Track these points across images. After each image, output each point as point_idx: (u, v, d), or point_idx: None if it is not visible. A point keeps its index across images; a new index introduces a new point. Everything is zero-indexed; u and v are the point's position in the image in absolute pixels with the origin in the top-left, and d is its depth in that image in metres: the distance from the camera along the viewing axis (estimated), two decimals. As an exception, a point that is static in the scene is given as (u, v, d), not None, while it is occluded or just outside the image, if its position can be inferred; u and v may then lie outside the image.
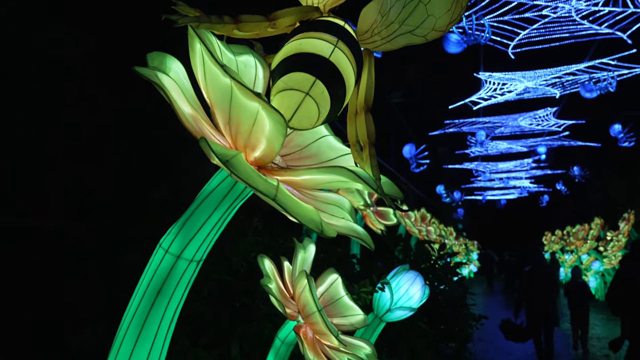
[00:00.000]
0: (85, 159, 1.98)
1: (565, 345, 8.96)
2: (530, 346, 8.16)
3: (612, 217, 13.46)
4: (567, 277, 14.57)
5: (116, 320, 1.02)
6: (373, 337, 2.17)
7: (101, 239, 1.93)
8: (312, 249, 1.73)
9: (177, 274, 0.96)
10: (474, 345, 5.83)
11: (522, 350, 8.29)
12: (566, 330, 10.03)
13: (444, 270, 3.32)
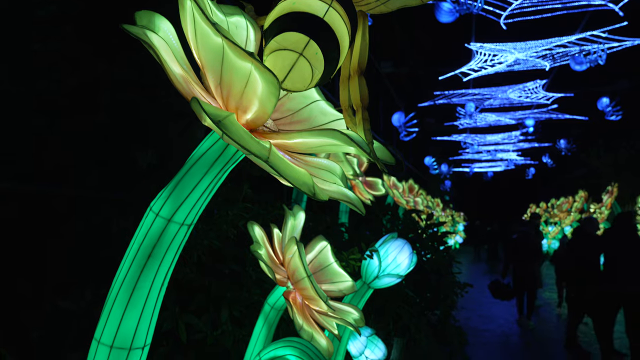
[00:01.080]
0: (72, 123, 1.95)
1: (551, 306, 9.29)
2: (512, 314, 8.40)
3: (597, 190, 13.67)
4: (549, 248, 14.87)
5: (106, 285, 1.02)
6: (361, 303, 2.20)
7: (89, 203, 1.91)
8: (301, 217, 1.73)
9: (167, 238, 0.95)
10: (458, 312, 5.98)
11: (504, 318, 8.53)
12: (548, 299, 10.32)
13: (431, 240, 3.37)
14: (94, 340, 0.98)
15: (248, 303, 1.95)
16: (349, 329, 2.25)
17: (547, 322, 8.28)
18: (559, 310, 9.27)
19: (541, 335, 7.56)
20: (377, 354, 2.56)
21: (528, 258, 7.66)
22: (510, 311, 8.93)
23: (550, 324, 8.13)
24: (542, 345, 7.06)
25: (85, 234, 1.88)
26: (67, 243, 1.90)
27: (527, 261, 7.67)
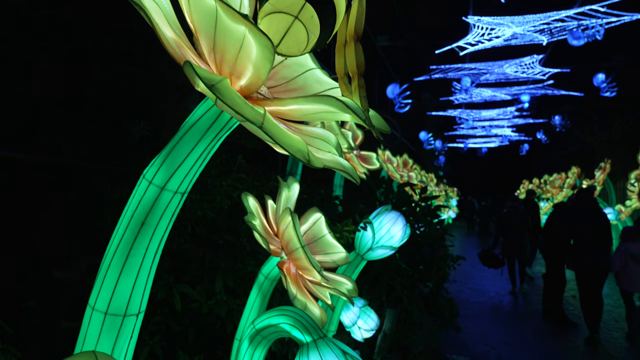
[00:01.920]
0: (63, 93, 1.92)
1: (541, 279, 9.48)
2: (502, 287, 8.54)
3: (590, 167, 13.75)
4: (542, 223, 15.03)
5: (100, 255, 1.02)
6: (354, 275, 2.23)
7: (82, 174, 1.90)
8: (295, 188, 1.73)
9: (161, 206, 0.95)
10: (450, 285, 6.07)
11: (494, 292, 8.66)
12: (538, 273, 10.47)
13: (425, 213, 3.39)
14: (89, 306, 0.98)
15: (242, 273, 1.96)
16: (342, 299, 2.28)
17: (537, 294, 8.41)
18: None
19: (529, 307, 7.70)
20: (370, 325, 2.60)
21: (516, 231, 8.13)
22: (500, 284, 9.08)
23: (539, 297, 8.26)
24: (530, 316, 7.20)
25: (79, 204, 1.87)
26: (60, 214, 1.89)
27: (515, 234, 8.13)
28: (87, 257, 1.85)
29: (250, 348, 1.51)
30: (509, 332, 6.46)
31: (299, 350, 1.37)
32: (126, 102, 2.15)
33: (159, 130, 1.94)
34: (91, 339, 0.99)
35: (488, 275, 8.75)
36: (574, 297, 7.78)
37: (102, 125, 1.95)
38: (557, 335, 6.28)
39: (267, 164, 3.16)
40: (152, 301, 1.77)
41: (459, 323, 4.43)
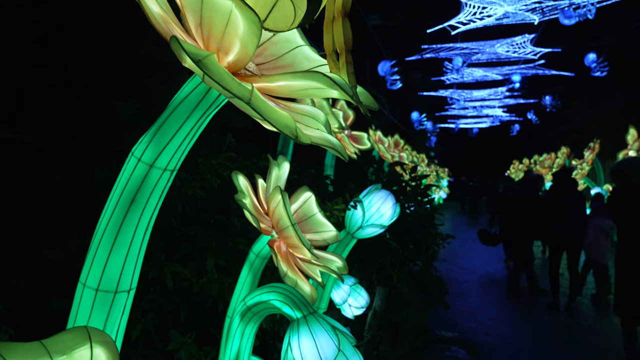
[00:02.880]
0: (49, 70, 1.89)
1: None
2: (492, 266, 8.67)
3: (579, 147, 13.85)
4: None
5: (91, 234, 1.02)
6: (345, 253, 2.25)
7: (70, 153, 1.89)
8: (286, 167, 1.74)
9: (150, 183, 0.95)
10: (439, 264, 6.15)
11: (484, 270, 8.79)
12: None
13: (415, 192, 3.41)
14: (80, 283, 0.99)
15: (233, 252, 1.98)
16: (332, 277, 2.31)
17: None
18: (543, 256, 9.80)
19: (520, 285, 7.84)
20: (360, 302, 2.63)
21: (510, 209, 8.30)
22: (489, 264, 9.21)
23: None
24: (518, 293, 7.33)
25: (67, 184, 1.87)
26: (49, 192, 1.88)
27: (509, 212, 8.31)
28: (78, 236, 1.86)
29: (241, 324, 1.53)
30: (496, 309, 6.58)
31: (289, 326, 1.39)
32: (113, 81, 2.13)
33: (147, 109, 1.93)
34: (83, 316, 1.00)
35: (477, 255, 8.87)
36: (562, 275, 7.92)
37: (90, 103, 1.93)
38: (542, 310, 6.40)
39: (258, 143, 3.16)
40: (144, 280, 1.78)
41: (448, 301, 4.51)
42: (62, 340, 0.79)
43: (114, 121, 1.86)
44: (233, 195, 1.53)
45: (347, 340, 1.35)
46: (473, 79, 15.38)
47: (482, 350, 4.60)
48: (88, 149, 1.90)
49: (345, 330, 1.38)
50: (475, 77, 15.11)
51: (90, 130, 1.92)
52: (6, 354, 0.70)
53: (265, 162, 2.20)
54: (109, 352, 0.82)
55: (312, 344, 1.30)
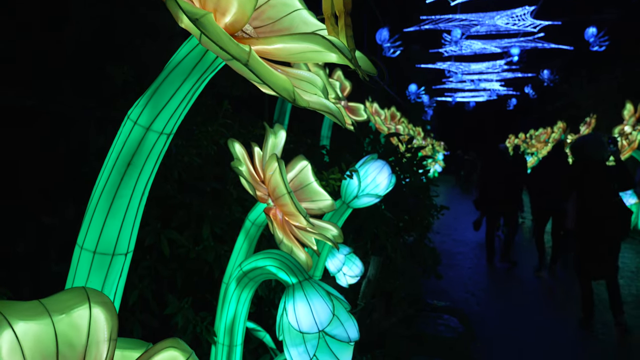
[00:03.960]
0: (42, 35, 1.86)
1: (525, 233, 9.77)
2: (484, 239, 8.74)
3: (576, 122, 13.85)
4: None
5: (86, 200, 1.02)
6: (340, 222, 2.27)
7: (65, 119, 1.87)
8: (282, 135, 1.73)
9: (147, 146, 0.95)
10: (433, 236, 6.22)
11: (476, 242, 8.90)
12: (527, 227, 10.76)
13: (411, 164, 3.42)
14: (77, 246, 1.00)
15: (229, 220, 1.99)
16: (327, 246, 2.33)
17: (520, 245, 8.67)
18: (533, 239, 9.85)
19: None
20: (354, 271, 2.67)
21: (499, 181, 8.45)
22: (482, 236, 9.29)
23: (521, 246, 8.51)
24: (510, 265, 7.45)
25: (63, 150, 1.86)
26: (45, 159, 1.87)
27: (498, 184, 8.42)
28: (74, 203, 1.86)
29: (237, 290, 1.55)
30: (488, 280, 6.69)
31: (285, 291, 1.41)
32: (108, 46, 2.09)
33: (142, 75, 1.90)
34: (81, 278, 1.01)
35: (471, 228, 8.96)
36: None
37: (84, 69, 1.91)
38: (531, 281, 6.52)
39: (254, 113, 3.14)
40: (141, 247, 1.79)
41: (441, 271, 4.58)
42: (61, 300, 0.80)
43: (108, 87, 1.84)
44: (229, 164, 1.53)
45: (342, 306, 1.37)
46: (471, 51, 15.23)
47: (473, 319, 4.70)
48: (82, 115, 1.88)
49: (339, 295, 1.40)
50: (474, 49, 14.97)
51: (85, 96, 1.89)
52: (5, 311, 0.71)
53: (262, 130, 2.19)
54: (108, 313, 0.84)
55: (307, 309, 1.32)
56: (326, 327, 1.31)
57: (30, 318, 0.73)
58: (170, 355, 0.88)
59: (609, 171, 4.73)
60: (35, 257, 1.83)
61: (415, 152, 3.60)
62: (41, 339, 0.74)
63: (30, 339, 0.73)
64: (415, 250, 3.87)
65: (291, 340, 1.38)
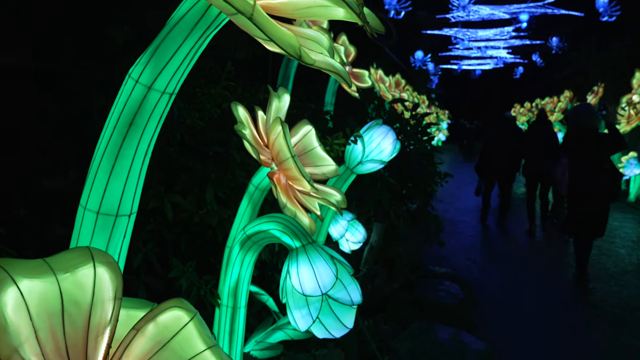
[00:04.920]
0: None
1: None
2: (488, 208, 8.76)
3: (583, 91, 13.66)
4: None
5: (87, 163, 1.01)
6: (343, 188, 2.26)
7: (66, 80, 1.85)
8: (286, 99, 1.70)
9: (149, 106, 0.93)
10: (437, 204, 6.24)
11: (479, 211, 8.91)
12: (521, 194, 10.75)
13: (415, 130, 3.38)
14: (80, 206, 0.99)
15: (232, 185, 1.98)
16: (331, 211, 2.33)
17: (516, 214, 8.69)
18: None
19: (514, 227, 7.98)
20: (357, 237, 2.68)
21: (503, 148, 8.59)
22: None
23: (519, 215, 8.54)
24: (513, 234, 7.49)
25: (64, 111, 1.84)
26: (45, 120, 1.86)
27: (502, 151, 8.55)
28: (76, 166, 1.85)
29: (241, 253, 1.55)
30: (490, 248, 6.74)
31: (288, 255, 1.41)
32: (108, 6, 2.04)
33: (142, 36, 1.86)
34: (84, 239, 1.01)
35: (473, 196, 8.97)
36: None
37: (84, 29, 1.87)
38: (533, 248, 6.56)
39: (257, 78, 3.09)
40: (144, 210, 1.79)
41: (443, 239, 4.60)
42: (65, 259, 0.80)
43: (109, 47, 1.80)
44: (232, 128, 1.50)
45: (345, 270, 1.38)
46: (479, 17, 14.91)
47: (474, 285, 4.75)
48: (83, 76, 1.85)
49: (342, 259, 1.40)
50: (482, 15, 14.64)
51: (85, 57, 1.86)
52: (9, 269, 0.71)
53: (265, 94, 2.15)
54: (112, 272, 0.84)
55: (310, 272, 1.33)
56: (329, 290, 1.32)
57: (35, 276, 0.73)
58: (174, 314, 0.89)
59: (601, 139, 5.04)
60: (38, 220, 1.83)
61: (420, 119, 3.56)
62: (46, 296, 0.74)
63: (35, 296, 0.73)
64: (418, 217, 3.88)
65: (294, 303, 1.39)
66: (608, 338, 3.88)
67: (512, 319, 4.20)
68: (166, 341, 0.86)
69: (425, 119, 3.66)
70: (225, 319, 1.64)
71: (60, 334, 0.76)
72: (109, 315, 0.82)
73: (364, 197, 2.87)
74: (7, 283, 0.69)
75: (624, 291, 4.95)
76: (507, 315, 4.25)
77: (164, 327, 0.87)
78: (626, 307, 4.53)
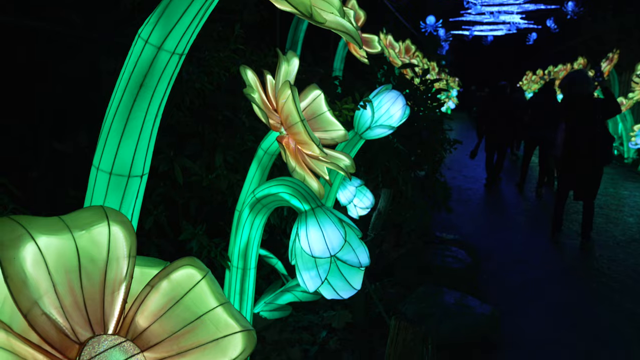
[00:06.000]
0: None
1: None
2: (498, 175, 8.75)
3: (597, 58, 13.34)
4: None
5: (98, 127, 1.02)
6: (352, 153, 2.26)
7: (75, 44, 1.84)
8: (295, 63, 1.69)
9: (159, 66, 0.93)
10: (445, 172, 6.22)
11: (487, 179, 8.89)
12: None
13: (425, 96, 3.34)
14: (93, 167, 1.01)
15: (241, 149, 1.99)
16: (339, 177, 2.34)
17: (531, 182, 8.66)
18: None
19: (523, 194, 7.97)
20: (365, 203, 2.70)
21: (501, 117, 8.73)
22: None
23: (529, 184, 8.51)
24: (521, 201, 7.49)
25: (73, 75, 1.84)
26: (55, 85, 1.86)
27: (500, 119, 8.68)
28: (86, 129, 1.86)
29: (250, 216, 1.57)
30: (497, 215, 6.75)
31: (297, 218, 1.43)
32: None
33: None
34: (98, 199, 1.02)
35: (481, 165, 8.93)
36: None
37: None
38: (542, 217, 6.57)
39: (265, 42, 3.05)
40: (154, 174, 1.81)
41: (451, 206, 4.61)
42: (80, 217, 0.81)
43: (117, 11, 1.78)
44: (241, 93, 1.50)
45: (354, 232, 1.40)
46: (492, -19, 14.48)
47: (481, 251, 4.79)
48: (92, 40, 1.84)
49: (351, 223, 1.42)
50: (495, -22, 14.21)
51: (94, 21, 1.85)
52: (27, 225, 0.73)
53: (274, 58, 2.13)
54: (126, 231, 0.85)
55: (319, 235, 1.35)
56: (338, 252, 1.34)
57: (51, 233, 0.75)
58: (187, 272, 0.91)
59: (595, 104, 5.21)
60: (51, 182, 1.86)
61: (430, 85, 3.51)
62: (63, 253, 0.76)
63: (52, 252, 0.75)
64: (426, 184, 3.88)
65: (303, 264, 1.41)
66: (614, 305, 3.92)
67: (518, 285, 4.24)
68: (179, 297, 0.89)
69: (435, 85, 3.61)
70: (235, 280, 1.68)
71: (78, 288, 0.78)
72: (124, 272, 0.84)
73: (373, 163, 2.87)
74: (25, 239, 0.71)
75: (631, 259, 4.97)
76: (513, 282, 4.30)
77: (177, 284, 0.89)
78: (632, 275, 4.56)
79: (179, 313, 0.88)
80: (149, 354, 0.81)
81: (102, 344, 0.75)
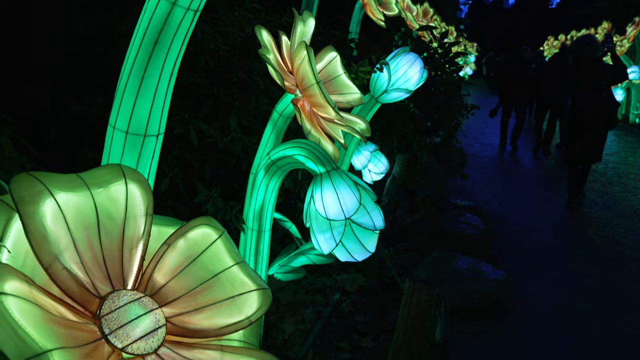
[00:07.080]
0: None
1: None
2: (512, 143, 8.65)
3: (623, 22, 12.86)
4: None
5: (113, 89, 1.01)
6: (368, 117, 2.23)
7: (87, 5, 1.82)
8: (311, 23, 1.65)
9: (174, 23, 0.91)
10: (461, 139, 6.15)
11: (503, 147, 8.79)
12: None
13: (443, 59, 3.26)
14: (109, 126, 1.01)
15: (256, 112, 1.98)
16: (354, 140, 2.32)
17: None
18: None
19: (537, 162, 7.87)
20: (380, 168, 2.69)
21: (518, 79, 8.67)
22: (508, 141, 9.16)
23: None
24: (534, 169, 7.41)
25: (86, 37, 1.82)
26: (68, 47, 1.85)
27: (518, 81, 8.64)
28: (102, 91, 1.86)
29: (265, 178, 1.58)
30: (513, 182, 6.69)
31: (312, 180, 1.43)
32: None
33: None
34: (115, 158, 1.03)
35: (498, 132, 8.80)
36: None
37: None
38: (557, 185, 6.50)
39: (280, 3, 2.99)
40: (169, 136, 1.81)
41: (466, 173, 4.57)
42: (98, 175, 0.82)
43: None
44: (256, 54, 1.47)
45: (369, 196, 1.39)
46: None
47: (495, 218, 4.76)
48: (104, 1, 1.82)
49: (366, 186, 1.41)
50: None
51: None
52: (46, 181, 0.73)
53: (289, 18, 2.09)
54: (143, 189, 0.86)
55: (334, 197, 1.35)
56: (353, 215, 1.34)
57: (70, 189, 0.75)
58: (203, 231, 0.92)
59: (602, 69, 5.22)
60: (68, 143, 1.87)
61: (448, 48, 3.43)
62: (82, 209, 0.77)
63: (71, 209, 0.75)
64: (442, 150, 3.84)
65: (318, 227, 1.42)
66: (629, 274, 3.90)
67: (532, 252, 4.23)
68: (196, 256, 0.90)
69: (453, 49, 3.52)
70: (250, 242, 1.70)
71: (97, 245, 0.79)
72: (142, 230, 0.85)
73: (388, 127, 2.84)
74: (44, 195, 0.72)
75: (648, 228, 4.92)
76: (527, 249, 4.28)
77: (194, 242, 0.90)
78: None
79: (195, 271, 0.89)
80: (167, 309, 0.83)
81: (122, 299, 0.76)
